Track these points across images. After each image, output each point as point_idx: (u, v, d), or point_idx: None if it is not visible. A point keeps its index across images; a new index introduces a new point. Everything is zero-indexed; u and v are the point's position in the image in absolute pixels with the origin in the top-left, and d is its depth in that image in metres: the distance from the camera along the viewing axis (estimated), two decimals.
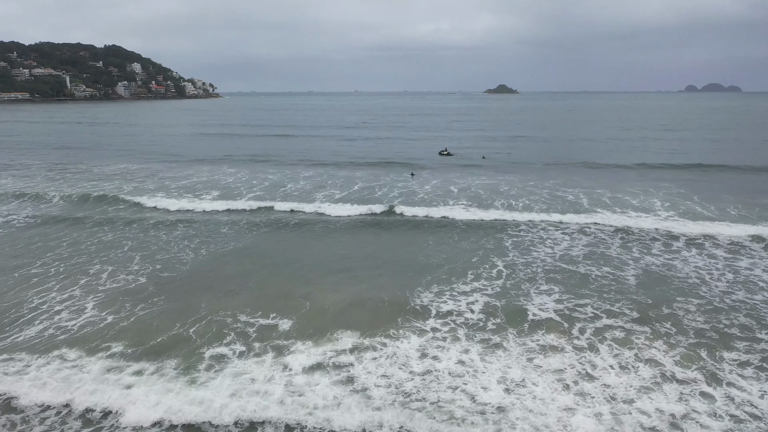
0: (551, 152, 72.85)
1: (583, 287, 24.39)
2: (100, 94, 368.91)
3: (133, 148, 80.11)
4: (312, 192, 44.51)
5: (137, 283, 24.43)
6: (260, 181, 50.30)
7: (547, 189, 45.57)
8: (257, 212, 37.73)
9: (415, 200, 41.26)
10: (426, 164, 60.95)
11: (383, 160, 64.60)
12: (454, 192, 44.42)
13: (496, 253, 29.45)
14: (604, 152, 71.93)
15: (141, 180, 51.41)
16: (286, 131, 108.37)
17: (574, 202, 40.36)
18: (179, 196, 42.73)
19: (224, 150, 76.56)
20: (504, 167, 58.18)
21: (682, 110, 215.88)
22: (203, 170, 57.44)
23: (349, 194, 43.68)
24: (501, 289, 24.11)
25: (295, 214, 37.16)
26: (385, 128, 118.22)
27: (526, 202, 40.40)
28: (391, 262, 27.45)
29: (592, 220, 34.67)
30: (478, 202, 40.32)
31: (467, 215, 36.15)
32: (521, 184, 48.20)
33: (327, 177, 52.55)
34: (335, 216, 36.62)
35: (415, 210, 37.61)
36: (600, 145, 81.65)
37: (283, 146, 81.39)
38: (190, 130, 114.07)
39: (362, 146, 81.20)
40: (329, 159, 65.33)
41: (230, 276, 25.28)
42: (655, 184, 47.51)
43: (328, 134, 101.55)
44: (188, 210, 38.75)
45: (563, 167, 57.51)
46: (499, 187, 46.42)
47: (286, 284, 24.14)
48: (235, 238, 31.41)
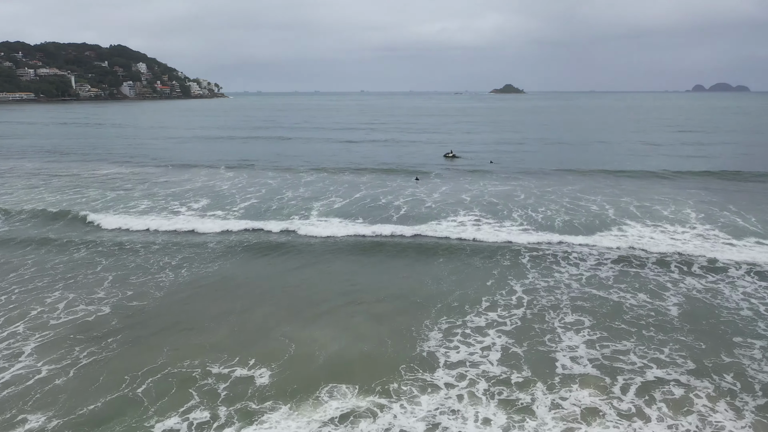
0: (564, 156, 69.11)
1: (617, 319, 20.78)
2: (105, 94, 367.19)
3: (131, 151, 76.87)
4: (310, 201, 40.94)
5: (98, 315, 20.94)
6: (257, 187, 46.82)
7: (567, 197, 41.84)
8: (244, 231, 32.96)
9: (422, 211, 37.61)
10: (432, 168, 57.31)
11: (388, 164, 61.04)
12: (466, 201, 40.75)
13: (514, 273, 25.89)
14: (622, 156, 68.00)
15: (130, 186, 48.07)
16: (289, 133, 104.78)
17: (599, 213, 36.59)
18: (160, 210, 39.06)
19: (224, 153, 73.30)
20: (516, 172, 54.46)
21: (695, 110, 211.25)
22: (200, 175, 54.09)
23: (351, 203, 40.11)
24: (521, 322, 20.55)
25: (286, 234, 32.31)
26: (390, 129, 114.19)
27: (547, 213, 36.64)
28: (394, 290, 23.83)
29: (622, 235, 30.94)
30: (493, 213, 36.61)
31: (483, 235, 31.39)
32: (538, 191, 44.47)
33: (328, 183, 49.04)
34: (330, 236, 31.98)
35: (422, 228, 32.97)
36: (616, 148, 77.66)
37: (286, 149, 78.02)
38: (192, 132, 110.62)
39: (366, 149, 77.70)
40: (332, 163, 61.81)
41: (207, 308, 21.72)
42: (684, 192, 43.72)
43: (332, 136, 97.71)
44: (167, 227, 34.28)
45: (580, 172, 53.72)
46: (514, 195, 42.74)
47: (270, 320, 20.52)
48: (218, 261, 27.58)
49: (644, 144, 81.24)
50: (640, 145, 79.26)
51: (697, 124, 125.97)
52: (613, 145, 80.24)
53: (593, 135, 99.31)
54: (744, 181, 48.64)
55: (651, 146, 78.48)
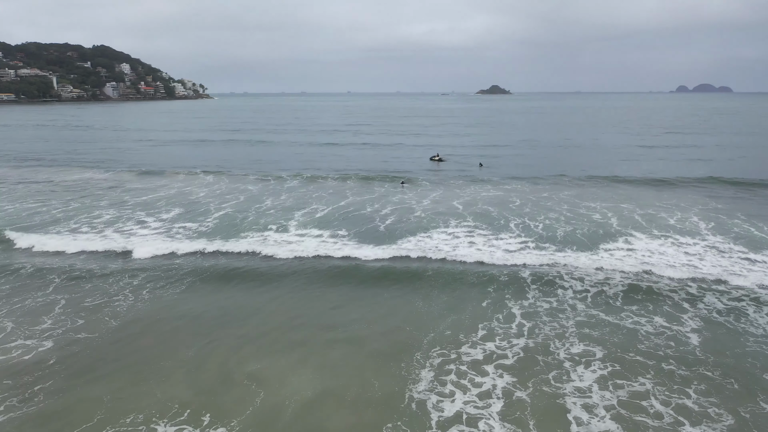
0: (557, 159, 66.90)
1: (631, 349, 18.32)
2: (87, 95, 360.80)
3: (106, 155, 73.28)
4: (291, 210, 38.07)
5: (36, 353, 18.00)
6: (236, 194, 43.89)
7: (565, 204, 39.39)
8: (212, 253, 28.53)
9: (411, 221, 34.91)
10: (420, 173, 54.75)
11: (374, 168, 58.31)
12: (458, 209, 38.13)
13: (512, 292, 23.36)
14: (617, 159, 65.89)
15: (100, 193, 44.93)
16: (272, 136, 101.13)
17: (602, 222, 34.11)
18: (125, 220, 36.13)
19: (204, 157, 70.20)
20: (508, 176, 51.98)
21: (684, 111, 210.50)
22: (176, 181, 51.02)
23: (334, 212, 37.34)
24: (523, 353, 18.06)
25: (254, 258, 27.84)
26: (376, 132, 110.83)
27: (546, 222, 34.08)
28: (379, 317, 21.11)
29: (630, 248, 28.45)
30: (488, 223, 33.99)
31: (480, 255, 27.66)
32: (533, 196, 42.01)
33: (312, 189, 46.22)
34: (307, 257, 27.83)
35: (410, 243, 29.61)
36: (610, 150, 75.47)
37: (268, 153, 74.94)
38: (172, 135, 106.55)
39: (351, 152, 74.74)
40: (315, 168, 58.95)
41: (163, 344, 18.81)
42: (686, 198, 41.50)
43: (316, 139, 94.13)
44: (120, 246, 30.09)
45: (575, 176, 51.37)
46: (509, 201, 40.21)
47: (233, 359, 17.63)
48: (180, 287, 24.31)
49: (639, 147, 79.16)
50: (635, 148, 77.13)
51: (690, 126, 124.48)
52: (606, 148, 78.14)
53: (584, 137, 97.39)
54: (748, 186, 46.35)
55: (645, 149, 76.51)
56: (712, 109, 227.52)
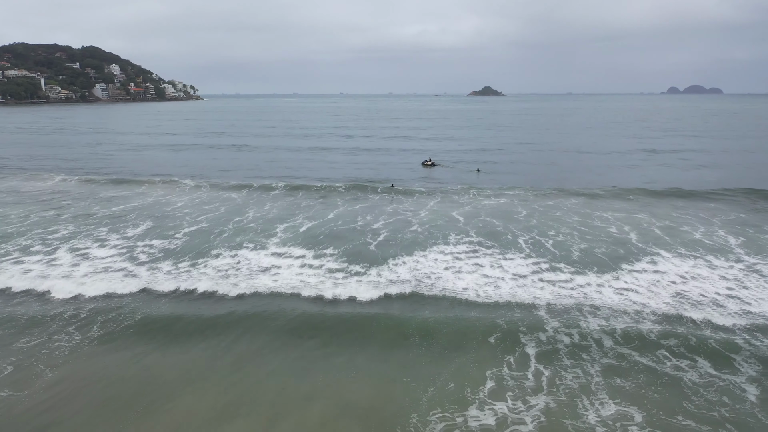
0: (559, 164, 63.48)
1: (677, 409, 15.19)
2: (76, 96, 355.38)
3: (85, 160, 69.05)
4: (274, 223, 34.37)
5: None
6: (217, 204, 40.18)
7: (575, 214, 35.96)
8: (164, 293, 23.53)
9: (407, 237, 31.29)
10: (414, 180, 51.26)
11: (365, 174, 54.70)
12: (459, 221, 34.59)
13: (526, 323, 19.88)
14: (621, 165, 62.44)
15: (68, 203, 41.04)
16: (259, 141, 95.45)
17: (620, 237, 30.63)
18: (83, 237, 32.37)
19: (187, 163, 66.26)
20: (509, 183, 48.53)
21: (680, 113, 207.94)
22: (155, 189, 47.16)
23: (321, 226, 33.70)
24: (545, 418, 14.71)
25: (213, 300, 22.21)
26: (366, 136, 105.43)
27: (559, 238, 30.52)
28: (369, 365, 17.59)
29: (658, 270, 24.98)
30: (493, 238, 30.44)
31: (488, 281, 23.77)
32: (539, 206, 38.55)
33: (299, 198, 42.56)
34: (287, 293, 22.80)
35: (403, 271, 24.97)
36: (613, 155, 71.86)
37: (255, 158, 70.80)
38: (156, 139, 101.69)
39: (342, 157, 70.64)
40: (303, 174, 55.26)
41: (88, 423, 15.22)
42: (705, 208, 38.16)
43: (305, 144, 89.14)
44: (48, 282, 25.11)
45: (580, 184, 48.00)
46: (513, 212, 36.72)
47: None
48: (123, 339, 20.13)
49: (642, 151, 75.66)
50: (639, 153, 73.57)
51: (690, 128, 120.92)
52: (608, 152, 74.61)
53: (584, 140, 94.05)
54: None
55: (649, 153, 73.09)
56: (708, 110, 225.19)
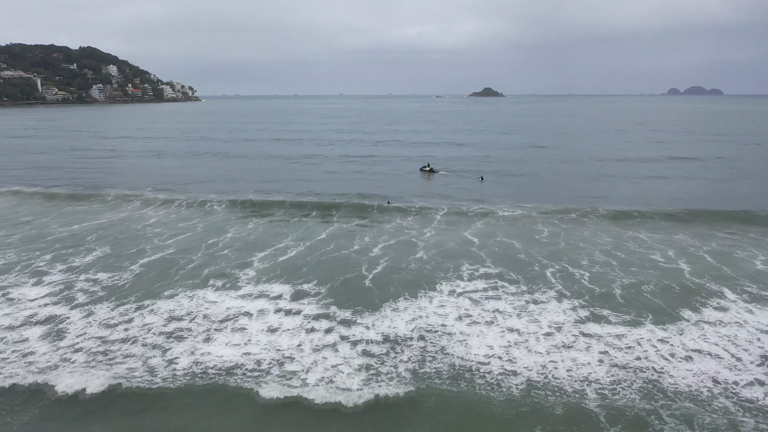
0: (572, 173, 57.50)
1: None
2: (73, 97, 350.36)
3: (54, 170, 61.96)
4: (252, 250, 28.88)
5: None
6: (190, 224, 34.85)
7: (606, 236, 30.57)
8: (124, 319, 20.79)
9: (410, 269, 25.83)
10: (414, 191, 46.01)
11: (360, 187, 48.44)
12: (472, 245, 29.16)
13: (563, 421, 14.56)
14: (645, 175, 55.49)
15: (23, 222, 35.68)
16: (249, 147, 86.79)
17: (669, 269, 25.04)
18: (18, 272, 27.07)
19: (168, 172, 60.29)
20: (522, 196, 43.20)
21: (691, 114, 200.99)
22: (126, 203, 41.81)
23: (306, 254, 28.36)
24: None
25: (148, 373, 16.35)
26: (362, 140, 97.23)
27: (595, 269, 24.92)
28: None
29: (731, 321, 19.51)
30: (516, 269, 25.01)
31: (516, 344, 17.81)
32: (562, 224, 33.16)
33: (285, 215, 37.17)
34: (248, 369, 16.47)
35: (404, 324, 19.22)
36: (633, 164, 64.32)
37: (242, 168, 63.29)
38: (140, 144, 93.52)
39: (336, 167, 63.65)
40: (293, 186, 49.06)
41: None
42: (753, 227, 32.83)
43: (296, 151, 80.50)
44: None
45: (603, 197, 42.69)
46: (534, 234, 31.34)
47: None
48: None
49: (665, 159, 68.33)
50: (662, 161, 65.86)
51: (708, 131, 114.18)
52: (627, 160, 67.39)
53: (596, 145, 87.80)
54: None
55: (673, 161, 66.18)
56: (716, 112, 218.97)
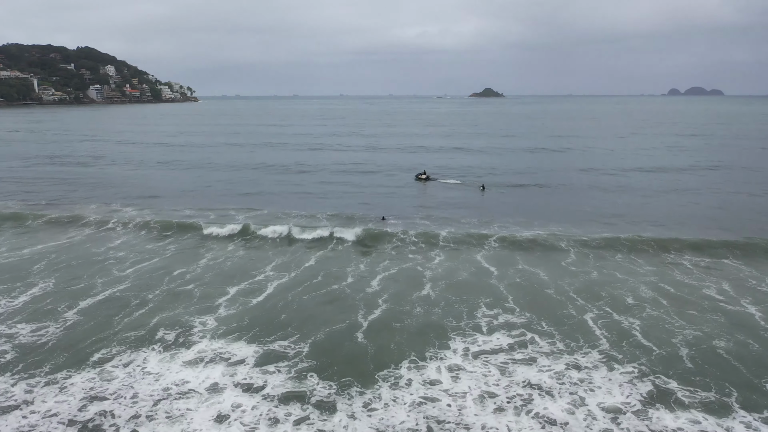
0: (586, 181, 51.91)
1: None
2: (70, 97, 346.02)
3: (17, 181, 55.15)
4: (220, 287, 23.91)
5: None
6: (155, 250, 29.85)
7: (648, 265, 25.42)
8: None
9: (415, 313, 20.78)
10: (413, 204, 41.14)
11: (354, 202, 42.82)
12: (491, 275, 24.19)
13: None
14: (670, 188, 48.78)
15: None
16: (234, 155, 77.16)
17: (736, 312, 20.11)
18: None
19: (147, 183, 53.89)
20: (533, 211, 38.18)
21: (705, 116, 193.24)
22: (89, 222, 36.42)
23: (286, 292, 23.45)
24: None
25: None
26: (359, 144, 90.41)
27: (645, 314, 19.81)
28: None
29: None
30: (548, 315, 19.90)
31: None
32: (588, 250, 28.05)
33: (267, 238, 32.07)
34: None
35: (398, 414, 14.28)
36: (657, 177, 56.19)
37: (222, 180, 55.23)
38: (118, 150, 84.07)
39: (325, 178, 56.17)
40: (277, 203, 42.42)
41: None
42: None
43: (284, 159, 71.79)
44: None
45: (627, 213, 37.79)
46: (559, 259, 26.39)
47: None
48: None
49: (690, 167, 60.97)
50: (687, 171, 58.26)
51: (723, 133, 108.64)
52: (649, 170, 59.33)
53: (608, 149, 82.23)
54: None
55: (699, 170, 59.14)
56: (724, 113, 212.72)
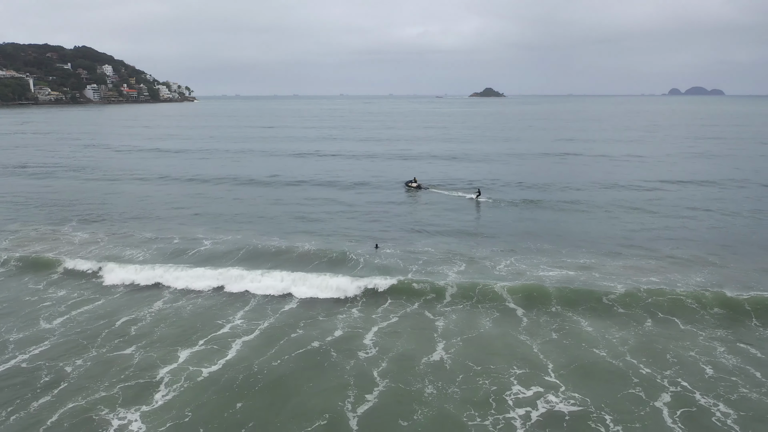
0: (611, 200, 45.92)
1: None
2: (66, 97, 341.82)
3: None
4: (171, 347, 18.65)
5: None
6: (94, 292, 24.76)
7: (716, 326, 20.16)
8: None
9: (424, 417, 15.69)
10: (407, 230, 35.58)
11: (337, 225, 36.78)
12: (520, 341, 18.88)
13: None
14: (710, 204, 42.78)
15: None
16: (213, 165, 69.50)
17: None
18: None
19: (105, 200, 46.21)
20: (553, 237, 32.77)
21: (721, 118, 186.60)
22: (22, 246, 31.74)
23: (253, 354, 18.18)
24: None
25: None
26: (351, 151, 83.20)
27: (737, 398, 14.42)
28: None
29: None
30: (609, 395, 14.73)
31: None
32: (646, 304, 22.65)
33: (233, 278, 25.87)
34: None
35: None
36: (692, 188, 49.98)
37: (193, 197, 47.96)
38: (96, 161, 73.03)
39: (309, 194, 49.00)
40: (246, 229, 35.81)
41: None
42: None
43: (270, 168, 65.23)
44: None
45: (676, 236, 32.56)
46: (606, 313, 21.15)
47: None
48: None
49: (726, 181, 54.10)
50: (725, 186, 50.34)
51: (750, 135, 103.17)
52: (684, 183, 52.14)
53: (628, 155, 76.25)
54: None
55: (748, 183, 52.32)
56: (737, 114, 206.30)
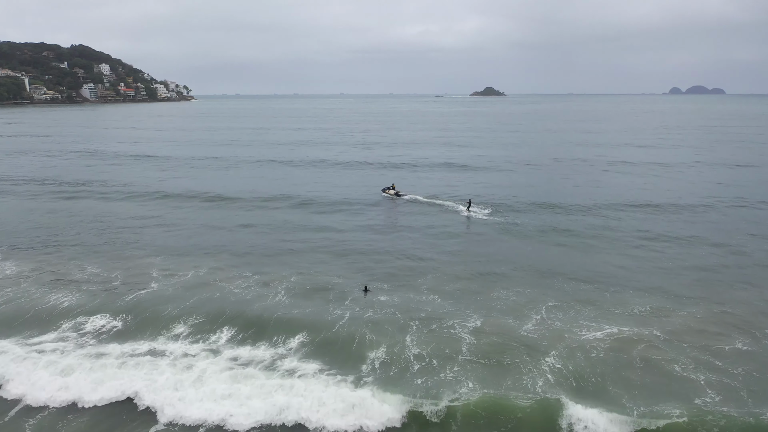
0: (636, 220, 43.14)
1: None
2: (62, 96, 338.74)
3: None
4: None
5: None
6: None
7: None
8: None
9: None
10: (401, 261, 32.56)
11: (314, 264, 31.19)
12: None
13: None
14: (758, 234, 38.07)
15: None
16: (191, 176, 64.36)
17: None
18: None
19: (72, 218, 43.00)
20: (562, 266, 30.49)
21: (740, 118, 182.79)
22: None
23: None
24: None
25: None
26: (343, 159, 78.61)
27: None
28: None
29: None
30: None
31: None
32: (697, 351, 20.38)
33: (197, 320, 23.71)
34: None
35: None
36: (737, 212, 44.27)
37: (155, 219, 42.82)
38: (67, 172, 66.85)
39: (288, 215, 43.85)
40: (211, 261, 31.67)
41: None
42: None
43: (251, 180, 60.61)
44: None
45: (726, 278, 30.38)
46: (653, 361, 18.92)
47: None
48: None
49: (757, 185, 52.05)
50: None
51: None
52: (726, 198, 48.12)
53: (641, 162, 73.25)
54: None
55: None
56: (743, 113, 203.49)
